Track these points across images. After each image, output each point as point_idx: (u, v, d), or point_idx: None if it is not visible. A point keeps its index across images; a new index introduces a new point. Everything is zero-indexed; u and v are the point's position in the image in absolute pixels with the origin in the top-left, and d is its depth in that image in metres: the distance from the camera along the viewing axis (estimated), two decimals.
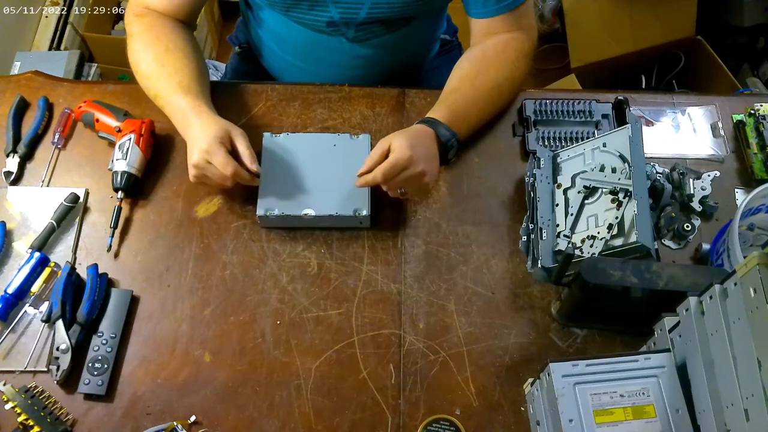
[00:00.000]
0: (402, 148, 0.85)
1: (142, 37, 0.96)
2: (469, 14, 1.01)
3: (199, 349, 0.85)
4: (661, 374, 0.69)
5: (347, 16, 0.99)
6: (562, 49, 2.11)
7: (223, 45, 2.26)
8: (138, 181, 0.94)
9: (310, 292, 0.89)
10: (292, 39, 1.08)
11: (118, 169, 0.92)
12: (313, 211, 0.89)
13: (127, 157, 0.92)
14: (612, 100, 1.02)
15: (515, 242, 0.93)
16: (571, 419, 0.67)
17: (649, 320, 0.78)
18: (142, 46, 0.95)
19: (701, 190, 0.94)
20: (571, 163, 0.91)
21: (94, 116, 0.97)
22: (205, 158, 0.86)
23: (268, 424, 0.80)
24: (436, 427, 0.80)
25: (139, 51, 0.95)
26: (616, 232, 0.82)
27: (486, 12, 0.98)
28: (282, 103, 1.04)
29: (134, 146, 0.93)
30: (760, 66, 1.91)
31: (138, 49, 0.96)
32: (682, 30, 1.88)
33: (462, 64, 1.00)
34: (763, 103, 1.02)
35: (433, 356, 0.85)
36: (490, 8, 0.97)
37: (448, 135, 0.92)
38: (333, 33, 1.03)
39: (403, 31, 1.06)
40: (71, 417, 0.80)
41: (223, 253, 0.91)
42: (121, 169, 0.92)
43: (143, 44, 0.95)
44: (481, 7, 0.98)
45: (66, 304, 0.83)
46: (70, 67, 1.66)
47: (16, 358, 0.83)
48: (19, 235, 0.92)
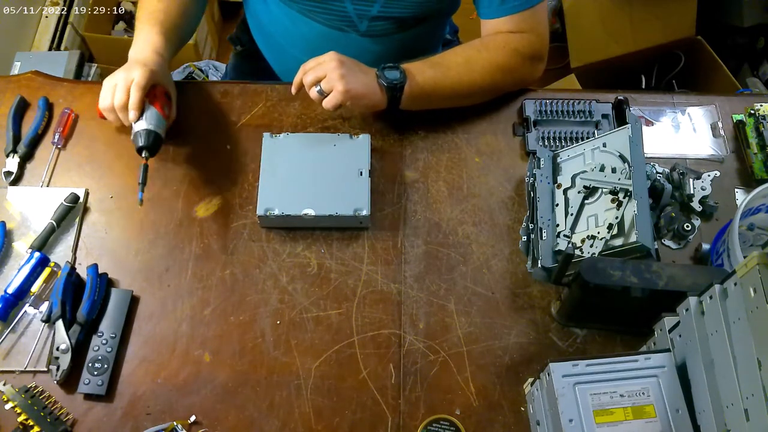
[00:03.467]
0: (333, 53, 0.90)
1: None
2: (479, 15, 1.01)
3: (199, 349, 0.85)
4: (661, 374, 0.69)
5: (360, 9, 1.00)
6: (562, 49, 2.11)
7: (223, 45, 2.26)
8: (160, 139, 0.92)
9: (310, 292, 0.89)
10: (303, 34, 1.08)
11: (138, 129, 0.91)
12: (313, 211, 0.89)
13: (145, 117, 0.91)
14: (612, 100, 1.02)
15: (515, 242, 0.93)
16: (571, 419, 0.67)
17: (649, 320, 0.78)
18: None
19: (701, 190, 0.94)
20: (571, 163, 0.91)
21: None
22: (123, 75, 0.90)
23: (268, 424, 0.80)
24: (436, 427, 0.80)
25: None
26: (616, 232, 0.82)
27: (492, 12, 0.98)
28: (282, 103, 1.04)
29: (150, 106, 0.92)
30: (760, 66, 1.91)
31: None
32: (682, 30, 1.88)
33: (459, 45, 1.01)
34: (763, 103, 1.02)
35: (433, 356, 0.85)
36: (496, 9, 0.97)
37: (398, 77, 0.92)
38: (345, 28, 1.04)
39: (413, 31, 1.06)
40: (71, 417, 0.80)
41: (223, 253, 0.91)
42: (141, 128, 0.90)
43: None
44: (487, 7, 0.98)
45: (66, 304, 0.82)
46: (70, 67, 1.66)
47: (16, 358, 0.83)
48: (19, 235, 0.92)
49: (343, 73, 0.88)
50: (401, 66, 0.93)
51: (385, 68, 0.92)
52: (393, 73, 0.92)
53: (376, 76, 0.92)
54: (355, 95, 0.90)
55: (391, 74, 0.92)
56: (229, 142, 1.00)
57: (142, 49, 0.95)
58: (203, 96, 1.05)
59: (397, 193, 0.96)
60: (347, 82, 0.88)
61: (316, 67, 0.90)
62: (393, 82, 0.91)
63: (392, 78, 0.92)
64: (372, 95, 0.92)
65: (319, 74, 0.89)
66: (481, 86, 0.99)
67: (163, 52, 0.96)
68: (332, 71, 0.88)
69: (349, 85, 0.88)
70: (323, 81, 0.89)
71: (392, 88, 0.92)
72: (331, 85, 0.89)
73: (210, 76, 1.96)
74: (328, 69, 0.89)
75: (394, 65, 0.93)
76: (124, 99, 0.89)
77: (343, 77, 0.88)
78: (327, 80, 0.89)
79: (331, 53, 0.90)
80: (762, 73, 1.89)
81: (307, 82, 0.90)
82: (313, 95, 0.91)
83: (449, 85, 0.96)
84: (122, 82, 0.90)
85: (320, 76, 0.89)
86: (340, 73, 0.88)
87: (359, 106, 0.95)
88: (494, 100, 1.03)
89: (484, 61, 0.97)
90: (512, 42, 0.98)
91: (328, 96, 0.89)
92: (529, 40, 0.99)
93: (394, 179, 0.97)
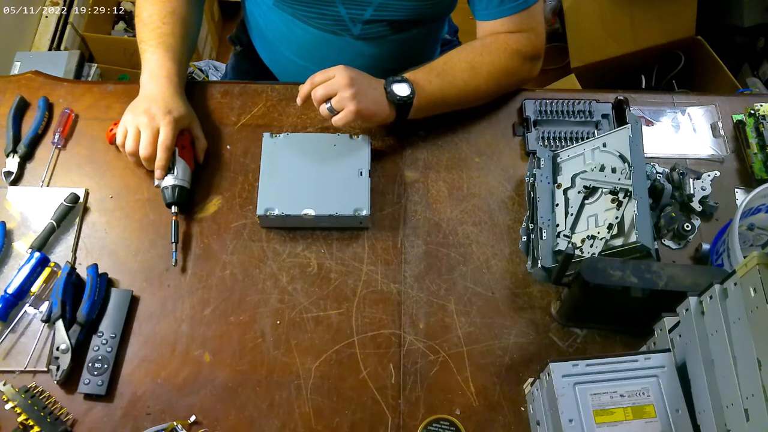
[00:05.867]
0: (343, 67, 0.89)
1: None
2: (476, 16, 1.01)
3: (199, 349, 0.85)
4: (661, 374, 0.69)
5: (353, 12, 1.00)
6: (562, 49, 2.11)
7: (223, 45, 2.26)
8: (188, 192, 0.93)
9: (310, 292, 0.89)
10: (298, 37, 1.08)
11: (167, 184, 0.91)
12: (313, 211, 0.89)
13: (175, 171, 0.91)
14: (612, 100, 1.02)
15: (515, 242, 0.93)
16: (571, 419, 0.67)
17: (649, 320, 0.78)
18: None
19: (701, 190, 0.94)
20: (571, 163, 0.91)
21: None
22: (147, 122, 0.90)
23: (268, 424, 0.80)
24: (436, 427, 0.80)
25: (147, 1, 0.99)
26: (616, 232, 0.82)
27: (491, 14, 0.98)
28: (282, 103, 1.04)
29: (179, 159, 0.92)
30: (760, 66, 1.91)
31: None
32: (682, 30, 1.88)
33: (459, 47, 1.00)
34: (763, 103, 1.02)
35: (433, 356, 0.85)
36: (494, 10, 0.97)
37: (408, 93, 0.91)
38: (339, 31, 1.03)
39: (408, 33, 1.06)
40: (71, 417, 0.80)
41: (223, 253, 0.91)
42: (170, 184, 0.91)
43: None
44: (485, 9, 0.98)
45: (66, 304, 0.82)
46: (70, 67, 1.66)
47: (16, 358, 0.83)
48: (19, 235, 0.92)
49: (354, 93, 0.87)
50: (408, 78, 0.92)
51: (394, 82, 0.91)
52: (402, 88, 0.91)
53: (385, 91, 0.91)
54: (366, 115, 0.89)
55: (401, 90, 0.91)
56: (229, 142, 1.00)
57: (159, 81, 0.94)
58: (203, 96, 1.05)
59: (397, 193, 0.96)
60: (359, 102, 0.87)
61: (326, 83, 0.88)
62: (403, 99, 0.91)
63: (402, 95, 0.91)
64: (382, 112, 0.91)
65: (329, 91, 0.88)
66: (485, 91, 0.99)
67: (180, 81, 0.96)
68: (343, 90, 0.87)
69: (360, 105, 0.88)
70: (334, 99, 0.88)
71: (402, 105, 0.92)
72: (342, 105, 0.88)
73: (210, 76, 1.96)
74: (339, 87, 0.88)
75: (402, 77, 0.92)
76: (151, 154, 0.90)
77: (355, 97, 0.87)
78: (338, 99, 0.88)
79: (341, 68, 0.89)
80: (762, 73, 1.89)
81: (316, 98, 0.89)
82: (323, 112, 0.90)
83: (455, 94, 0.97)
84: (148, 132, 0.90)
85: (330, 93, 0.88)
86: (351, 92, 0.87)
87: (369, 122, 0.95)
88: (494, 100, 1.03)
89: (488, 66, 0.97)
90: (513, 43, 0.98)
91: (339, 114, 0.89)
92: (530, 40, 1.00)
93: (394, 179, 0.97)
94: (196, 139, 0.96)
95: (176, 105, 0.93)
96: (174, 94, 0.94)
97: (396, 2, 0.99)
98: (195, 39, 1.05)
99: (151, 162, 0.91)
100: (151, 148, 0.90)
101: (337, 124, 0.89)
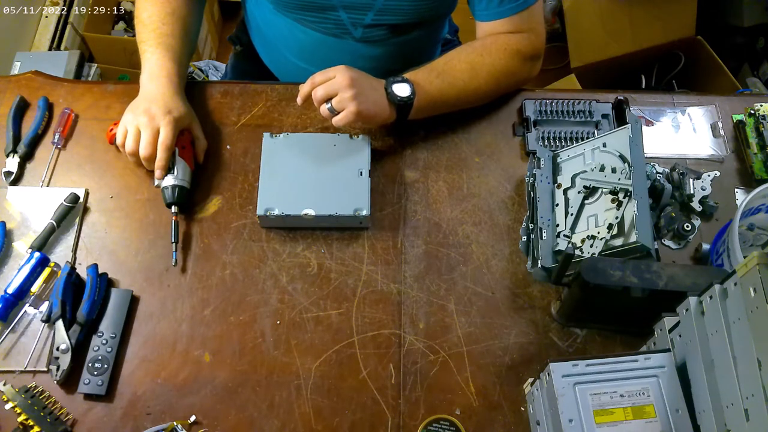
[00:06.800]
0: (344, 68, 0.89)
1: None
2: (476, 17, 1.01)
3: (199, 349, 0.85)
4: (661, 374, 0.69)
5: (354, 17, 1.00)
6: (562, 49, 2.11)
7: (223, 45, 2.26)
8: (188, 192, 0.93)
9: (310, 292, 0.89)
10: (299, 39, 1.08)
11: (167, 184, 0.91)
12: (313, 211, 0.89)
13: (175, 171, 0.92)
14: (612, 100, 1.02)
15: (515, 242, 0.93)
16: (571, 419, 0.67)
17: (649, 320, 0.78)
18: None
19: (701, 190, 0.94)
20: (571, 163, 0.91)
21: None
22: (147, 122, 0.90)
23: (268, 424, 0.80)
24: (436, 427, 0.80)
25: (147, 1, 0.99)
26: (616, 232, 0.82)
27: (491, 14, 0.98)
28: (282, 103, 1.04)
29: (179, 159, 0.93)
30: (760, 66, 1.91)
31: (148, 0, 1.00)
32: (682, 30, 1.88)
33: (459, 47, 1.00)
34: (763, 103, 1.02)
35: (433, 356, 0.85)
36: (494, 10, 0.97)
37: (408, 94, 0.91)
38: (340, 34, 1.04)
39: (409, 35, 1.06)
40: (71, 417, 0.80)
41: (223, 253, 0.91)
42: (170, 184, 0.91)
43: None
44: (485, 9, 0.98)
45: (66, 304, 0.82)
46: (70, 67, 1.66)
47: (16, 358, 0.83)
48: (19, 235, 0.92)
49: (355, 94, 0.87)
50: (409, 78, 0.92)
51: (394, 82, 0.91)
52: (403, 88, 0.91)
53: (386, 92, 0.91)
54: (366, 116, 0.89)
55: (401, 90, 0.91)
56: (229, 142, 1.00)
57: (159, 81, 0.94)
58: (203, 96, 1.05)
59: (397, 193, 0.96)
60: (359, 103, 0.87)
61: (327, 84, 0.88)
62: (403, 99, 0.91)
63: (403, 96, 0.91)
64: (382, 113, 0.91)
65: (330, 91, 0.88)
66: (485, 92, 0.99)
67: (180, 81, 0.97)
68: (344, 90, 0.87)
69: (361, 106, 0.88)
70: (334, 99, 0.88)
71: (403, 105, 0.92)
72: (343, 105, 0.88)
73: (210, 76, 1.96)
74: (340, 87, 0.88)
75: (402, 78, 0.92)
76: (151, 154, 0.90)
77: (355, 98, 0.87)
78: (339, 100, 0.88)
79: (342, 68, 0.89)
80: (762, 73, 1.89)
81: (317, 98, 0.89)
82: (323, 112, 0.90)
83: (455, 95, 0.97)
84: (148, 132, 0.90)
85: (331, 93, 0.88)
86: (352, 93, 0.87)
87: (369, 123, 0.95)
88: (494, 100, 1.03)
89: (488, 66, 0.97)
90: (513, 43, 0.98)
91: (339, 115, 0.89)
92: (530, 40, 1.00)
93: (394, 179, 0.97)
94: (196, 139, 0.96)
95: (176, 105, 0.93)
96: (174, 94, 0.94)
97: (397, 6, 0.99)
98: (195, 39, 1.05)
99: (151, 162, 0.91)
100: (151, 148, 0.90)
101: (338, 125, 0.89)
